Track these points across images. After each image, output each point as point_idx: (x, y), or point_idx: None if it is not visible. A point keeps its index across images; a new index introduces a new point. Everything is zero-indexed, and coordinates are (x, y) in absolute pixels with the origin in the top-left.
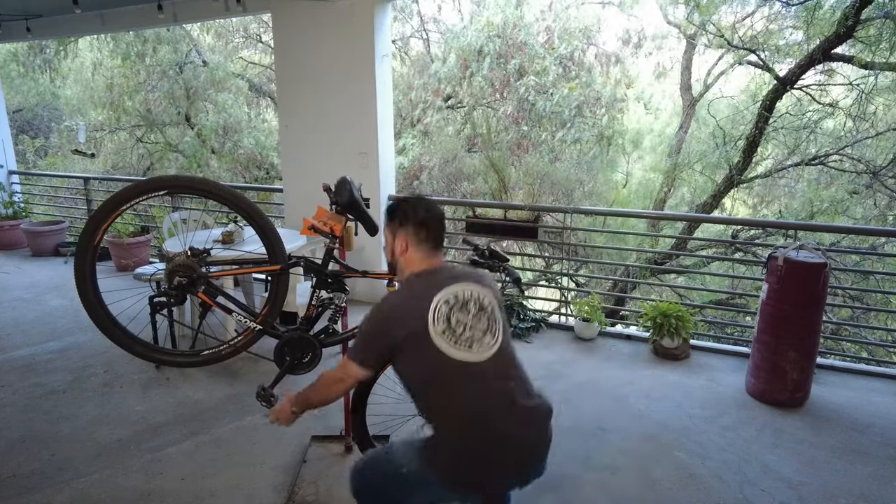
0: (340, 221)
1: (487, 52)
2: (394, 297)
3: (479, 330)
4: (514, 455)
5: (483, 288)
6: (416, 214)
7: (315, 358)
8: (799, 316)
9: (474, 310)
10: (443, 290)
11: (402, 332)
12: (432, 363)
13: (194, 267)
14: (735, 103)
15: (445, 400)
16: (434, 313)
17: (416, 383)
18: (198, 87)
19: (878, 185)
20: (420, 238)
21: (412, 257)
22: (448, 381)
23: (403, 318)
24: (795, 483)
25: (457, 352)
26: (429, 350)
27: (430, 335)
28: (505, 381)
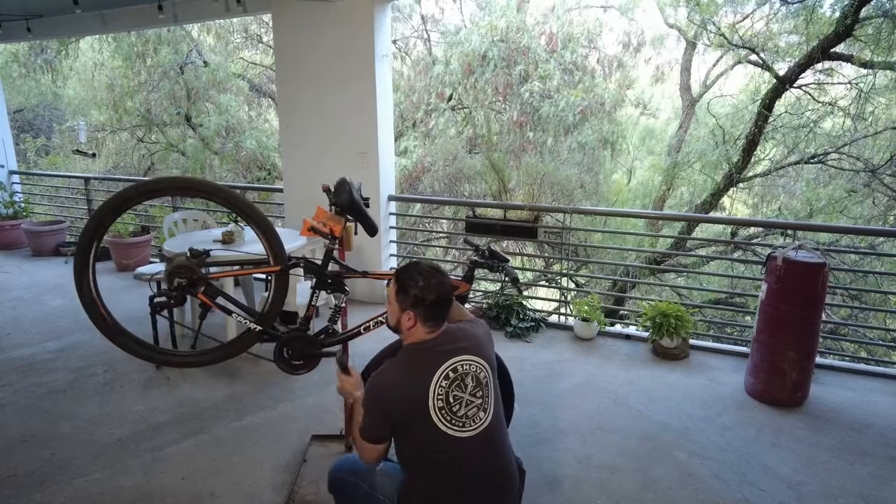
0: (340, 222)
1: (491, 56)
2: (394, 374)
3: (474, 406)
4: None
5: (481, 359)
6: (429, 295)
7: (315, 358)
8: (798, 316)
9: (472, 385)
10: (444, 365)
11: (403, 412)
12: (426, 438)
13: (194, 268)
14: (735, 102)
15: (428, 467)
16: (434, 391)
17: (407, 451)
18: (199, 88)
19: (877, 183)
20: (428, 316)
21: (418, 331)
22: (436, 452)
23: (405, 399)
24: (794, 482)
25: (450, 429)
26: (427, 427)
27: (430, 414)
28: (487, 456)
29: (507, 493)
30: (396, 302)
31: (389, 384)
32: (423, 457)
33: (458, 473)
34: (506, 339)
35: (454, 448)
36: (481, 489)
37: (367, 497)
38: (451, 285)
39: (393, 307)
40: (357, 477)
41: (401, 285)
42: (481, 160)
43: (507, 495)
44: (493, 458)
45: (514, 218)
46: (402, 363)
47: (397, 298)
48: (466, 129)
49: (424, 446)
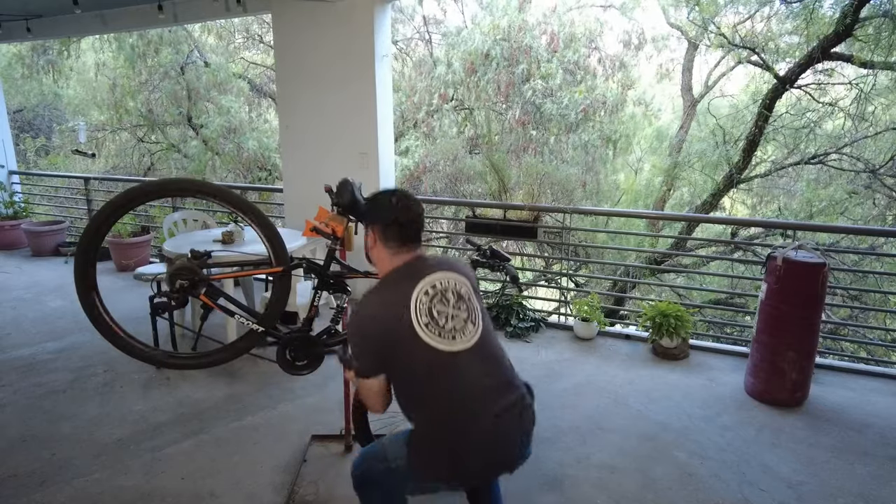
0: (342, 222)
1: (494, 56)
2: (371, 301)
3: (460, 319)
4: (495, 444)
5: (459, 276)
6: (386, 213)
7: (317, 358)
8: (798, 316)
9: (454, 299)
10: (420, 283)
11: (389, 335)
12: (421, 357)
13: (196, 270)
14: (735, 103)
15: (431, 393)
16: (416, 307)
17: (404, 385)
18: (199, 88)
19: (878, 184)
20: (388, 236)
21: (381, 254)
22: (436, 373)
23: (386, 321)
24: (794, 482)
25: (441, 344)
26: (416, 346)
27: (416, 331)
28: (487, 369)
29: (518, 405)
30: (365, 227)
31: (369, 312)
32: (422, 383)
33: (461, 391)
34: (506, 338)
35: (450, 363)
36: (490, 403)
37: (386, 472)
38: (417, 211)
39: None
40: (371, 460)
41: (361, 207)
42: (482, 160)
43: (520, 408)
44: (494, 369)
45: (514, 218)
46: (378, 290)
47: (365, 220)
48: (467, 129)
49: (420, 369)
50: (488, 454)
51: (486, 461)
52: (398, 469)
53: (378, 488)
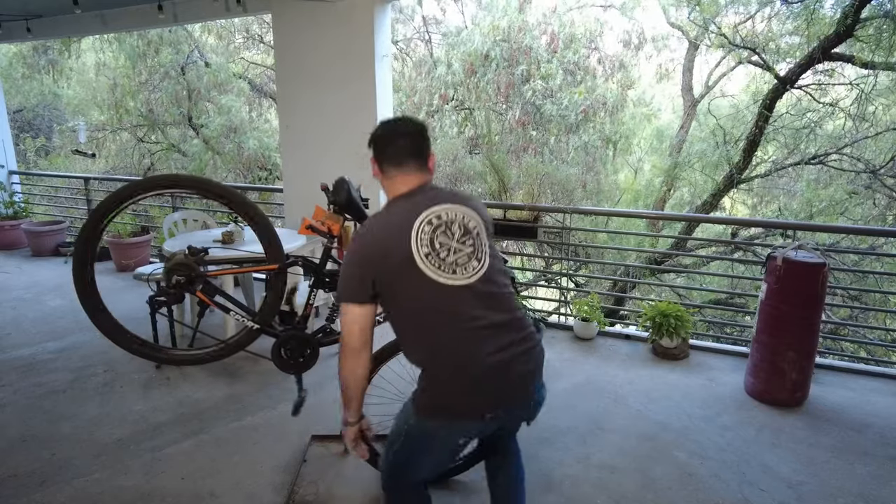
0: (338, 221)
1: (494, 56)
2: (374, 224)
3: (463, 254)
4: (500, 380)
5: (469, 209)
6: (376, 130)
7: (313, 356)
8: (798, 316)
9: (459, 233)
10: (425, 212)
11: (387, 259)
12: (418, 290)
13: (192, 266)
14: (736, 103)
15: (432, 329)
16: (417, 236)
17: (402, 313)
18: (200, 88)
19: (878, 184)
20: (386, 155)
21: (382, 180)
22: (435, 307)
23: (385, 246)
24: (794, 482)
25: (440, 276)
26: (414, 276)
27: (414, 260)
28: (489, 306)
29: (523, 343)
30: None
31: (369, 234)
32: (419, 315)
33: (458, 326)
34: None
35: (449, 298)
36: (489, 339)
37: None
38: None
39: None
40: (391, 447)
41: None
42: (482, 160)
43: (526, 346)
44: (496, 307)
45: (514, 218)
46: (380, 215)
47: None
48: (467, 129)
49: (416, 302)
50: (494, 389)
51: (493, 396)
52: (411, 428)
53: (403, 471)
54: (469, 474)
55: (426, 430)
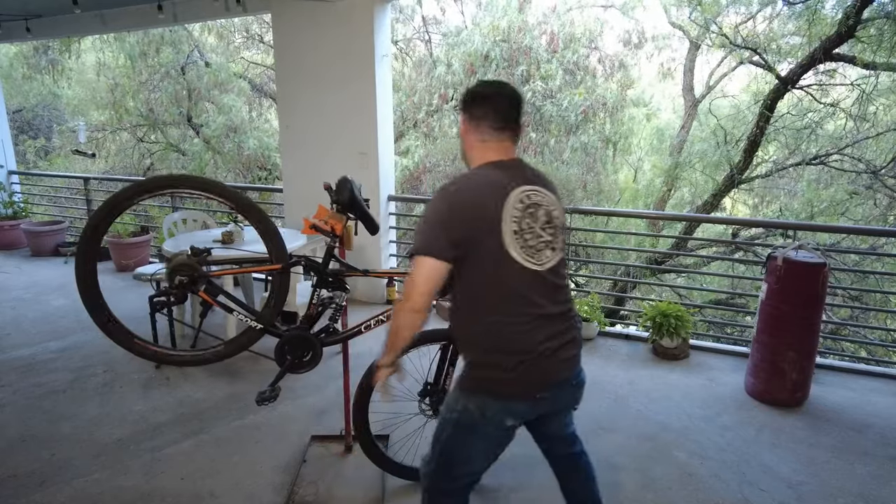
0: (341, 220)
1: (494, 56)
2: (467, 184)
3: (542, 241)
4: (551, 365)
5: (555, 198)
6: (471, 90)
7: (315, 357)
8: (798, 316)
9: (543, 220)
10: (519, 188)
11: (477, 222)
12: (497, 263)
13: (195, 266)
14: (737, 103)
15: (496, 306)
16: (509, 210)
17: (474, 284)
18: (200, 88)
19: (879, 185)
20: (476, 116)
21: (475, 142)
22: (508, 285)
23: (480, 208)
24: (794, 483)
25: (519, 257)
26: (497, 248)
27: (502, 233)
28: (551, 296)
29: (571, 333)
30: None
31: (461, 193)
32: (490, 293)
33: (525, 312)
34: None
35: (522, 280)
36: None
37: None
38: (517, 91)
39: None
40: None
41: (461, 99)
42: None
43: (572, 336)
44: (557, 298)
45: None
46: (471, 176)
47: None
48: None
49: (493, 278)
50: (543, 372)
51: (542, 378)
52: (460, 415)
53: (448, 471)
54: None
55: (476, 412)
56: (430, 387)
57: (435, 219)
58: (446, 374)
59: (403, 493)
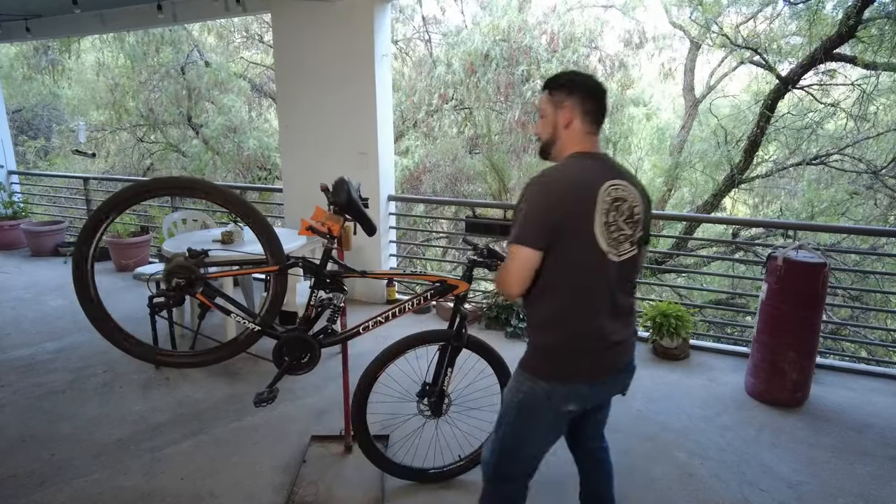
0: (338, 222)
1: (494, 56)
2: (565, 175)
3: (623, 234)
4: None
5: (638, 194)
6: (586, 83)
7: (314, 358)
8: (798, 316)
9: (627, 213)
10: (610, 180)
11: (573, 211)
12: (585, 252)
13: (192, 268)
14: (737, 103)
15: (576, 293)
16: (601, 200)
17: (560, 269)
18: (200, 88)
19: (879, 185)
20: (587, 109)
21: (576, 132)
22: (591, 274)
23: (575, 197)
24: (794, 483)
25: (605, 247)
26: (587, 237)
27: (594, 222)
28: (623, 289)
29: (634, 324)
30: (550, 104)
31: (558, 183)
32: (573, 280)
33: (601, 301)
34: (506, 339)
35: (604, 270)
36: (618, 321)
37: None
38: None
39: (546, 117)
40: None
41: (553, 82)
42: (482, 160)
43: (634, 327)
44: (628, 290)
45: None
46: (571, 164)
47: (551, 98)
48: (467, 129)
49: (579, 265)
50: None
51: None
52: (529, 392)
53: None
54: (469, 475)
55: (541, 394)
56: (428, 387)
57: (533, 208)
58: (445, 374)
59: (403, 493)
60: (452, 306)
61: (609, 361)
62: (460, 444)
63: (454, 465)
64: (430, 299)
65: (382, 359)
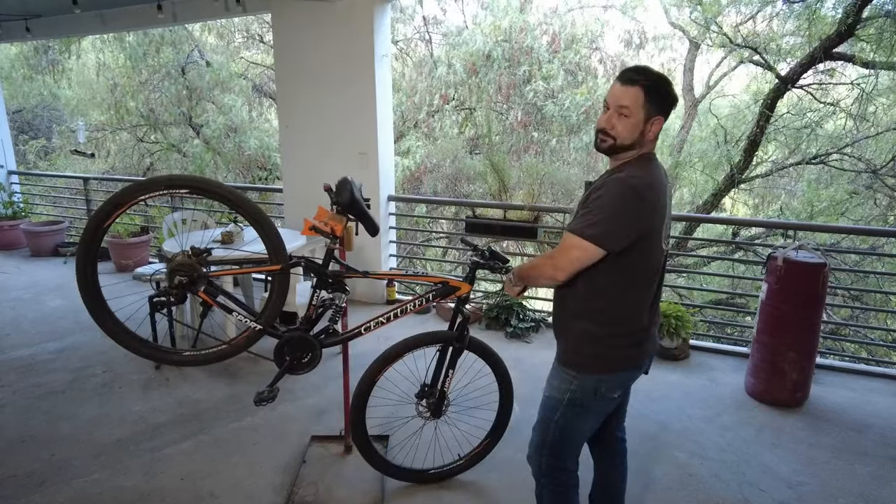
0: (341, 222)
1: (495, 56)
2: (654, 175)
3: (667, 230)
4: (651, 340)
5: (670, 192)
6: (675, 100)
7: (315, 358)
8: (798, 316)
9: (668, 213)
10: (667, 180)
11: (654, 222)
12: (651, 252)
13: (195, 266)
14: (737, 102)
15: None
16: (669, 207)
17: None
18: (202, 88)
19: (879, 184)
20: (667, 115)
21: (653, 137)
22: (650, 270)
23: (663, 202)
24: (794, 483)
25: (664, 245)
26: (657, 238)
27: (663, 229)
28: (658, 282)
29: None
30: (644, 110)
31: (653, 184)
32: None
33: (648, 293)
34: (506, 339)
35: (658, 265)
36: (654, 310)
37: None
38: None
39: (633, 119)
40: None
41: (654, 87)
42: (482, 161)
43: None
44: (660, 282)
45: (514, 218)
46: (651, 169)
47: (647, 102)
48: (468, 129)
49: (643, 264)
50: (647, 345)
51: (646, 350)
52: (579, 387)
53: (563, 447)
54: (468, 475)
55: (589, 389)
56: (426, 388)
57: (621, 211)
58: (446, 376)
59: (403, 493)
60: (453, 307)
61: (648, 348)
62: (459, 444)
63: (454, 465)
64: (431, 300)
65: (382, 361)
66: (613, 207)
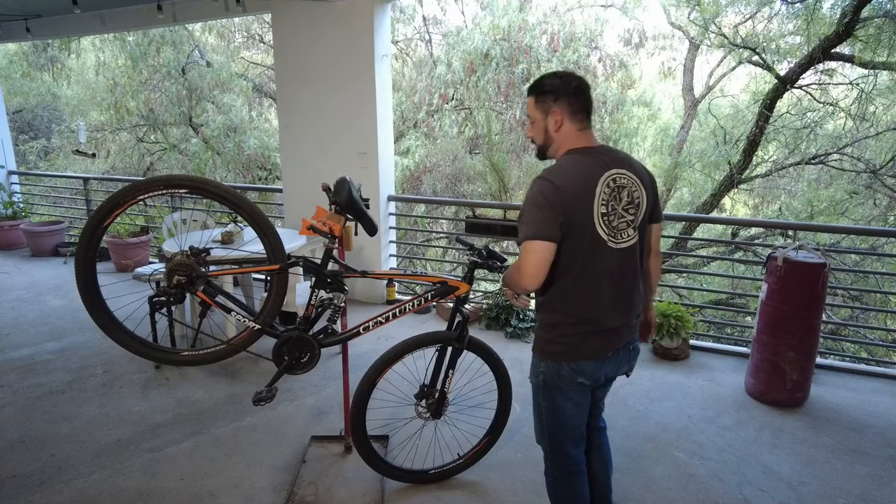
0: (339, 221)
1: (494, 56)
2: (560, 173)
3: (624, 221)
4: (615, 335)
5: (638, 179)
6: (569, 84)
7: (313, 358)
8: (798, 316)
9: (626, 200)
10: (606, 172)
11: (575, 206)
12: (589, 245)
13: (194, 266)
14: (736, 103)
15: (581, 281)
16: (599, 193)
17: (566, 262)
18: (202, 88)
19: (878, 184)
20: (575, 109)
21: (569, 132)
22: (594, 263)
23: (576, 193)
24: (794, 483)
25: (606, 237)
26: (589, 230)
27: (593, 216)
28: (626, 274)
29: (637, 309)
30: (538, 110)
31: (558, 181)
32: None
33: (603, 287)
34: (505, 339)
35: (605, 258)
36: (621, 306)
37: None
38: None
39: (536, 122)
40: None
41: (538, 89)
42: (482, 160)
43: (638, 310)
44: (633, 276)
45: (514, 218)
46: (567, 163)
47: (538, 104)
48: (468, 129)
49: (583, 257)
50: (609, 340)
51: (607, 344)
52: (544, 371)
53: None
54: (468, 475)
55: (554, 374)
56: (425, 389)
57: (542, 204)
58: (446, 376)
59: (403, 493)
60: (452, 307)
61: (609, 342)
62: (459, 443)
63: (454, 464)
64: (431, 300)
65: (383, 363)
66: (529, 203)
